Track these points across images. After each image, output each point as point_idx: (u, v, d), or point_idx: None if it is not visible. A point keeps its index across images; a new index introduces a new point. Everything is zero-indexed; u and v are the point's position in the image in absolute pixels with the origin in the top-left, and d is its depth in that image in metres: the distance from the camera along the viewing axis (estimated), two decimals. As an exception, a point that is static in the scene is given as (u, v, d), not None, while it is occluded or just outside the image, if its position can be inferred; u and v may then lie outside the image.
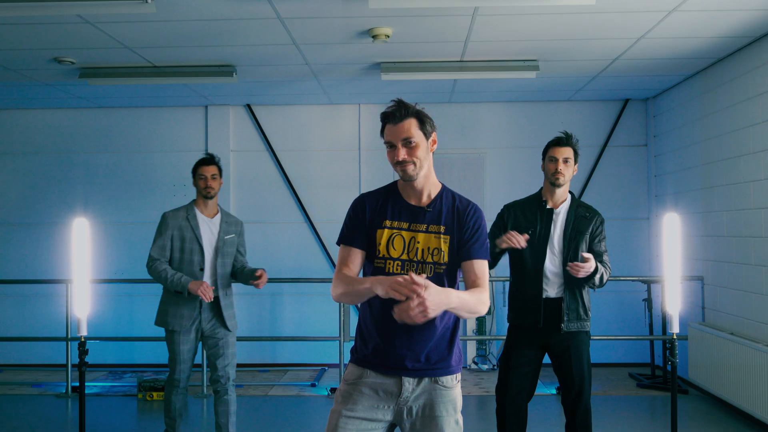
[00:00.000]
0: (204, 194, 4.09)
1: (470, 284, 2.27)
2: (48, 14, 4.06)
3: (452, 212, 2.31)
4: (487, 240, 2.33)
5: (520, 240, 3.31)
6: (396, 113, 2.24)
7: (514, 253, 3.50)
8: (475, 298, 2.19)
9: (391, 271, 2.26)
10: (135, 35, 4.65)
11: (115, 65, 5.42)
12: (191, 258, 4.01)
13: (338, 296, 2.29)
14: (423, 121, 2.27)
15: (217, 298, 4.03)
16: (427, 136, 2.28)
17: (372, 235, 2.30)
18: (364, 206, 2.35)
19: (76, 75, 5.60)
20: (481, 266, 2.28)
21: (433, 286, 2.02)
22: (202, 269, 4.02)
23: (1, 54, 5.05)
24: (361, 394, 2.26)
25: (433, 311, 2.01)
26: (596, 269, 3.35)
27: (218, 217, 4.14)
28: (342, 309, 5.91)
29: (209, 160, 4.16)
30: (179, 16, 4.26)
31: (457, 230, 2.29)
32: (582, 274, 3.29)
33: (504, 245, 3.34)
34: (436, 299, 2.01)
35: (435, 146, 2.33)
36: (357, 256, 2.31)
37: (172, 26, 4.45)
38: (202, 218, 4.08)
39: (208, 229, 4.08)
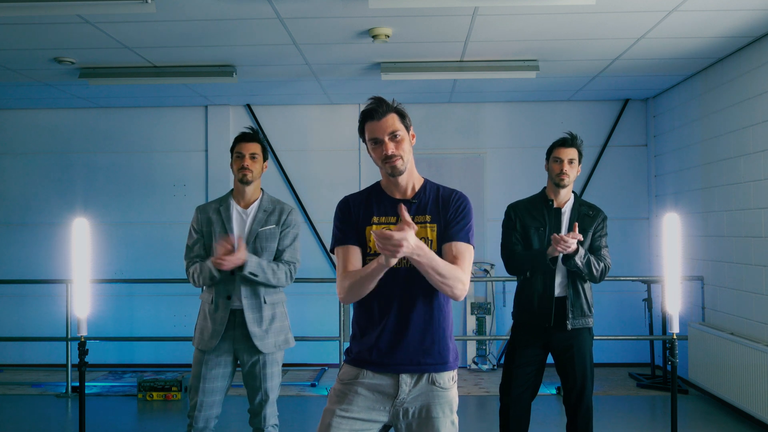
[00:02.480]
0: (239, 178, 3.27)
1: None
2: (48, 14, 4.06)
3: (437, 201, 2.31)
4: (472, 226, 2.30)
5: (569, 241, 3.24)
6: (378, 109, 2.24)
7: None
8: (451, 268, 2.16)
9: None
10: (135, 35, 4.65)
11: (115, 65, 5.42)
12: None
13: (348, 289, 2.21)
14: (403, 115, 2.29)
15: (241, 311, 3.22)
16: (407, 130, 2.29)
17: (362, 234, 2.30)
18: (349, 206, 2.35)
19: (76, 75, 5.60)
20: (461, 248, 2.24)
21: (411, 236, 2.02)
22: (232, 272, 3.19)
23: (1, 54, 5.05)
24: (357, 394, 2.24)
25: (407, 248, 2.00)
26: (577, 251, 3.32)
27: (255, 205, 3.32)
28: (342, 309, 5.91)
29: (250, 135, 3.33)
30: (179, 16, 4.25)
31: (443, 217, 2.29)
32: (561, 248, 3.26)
33: (557, 252, 3.31)
34: (414, 239, 2.02)
35: (414, 140, 2.33)
36: (356, 253, 2.28)
37: (172, 26, 4.45)
38: (236, 209, 3.31)
39: (241, 221, 3.30)
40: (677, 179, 6.27)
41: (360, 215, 2.31)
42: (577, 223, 3.35)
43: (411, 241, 2.01)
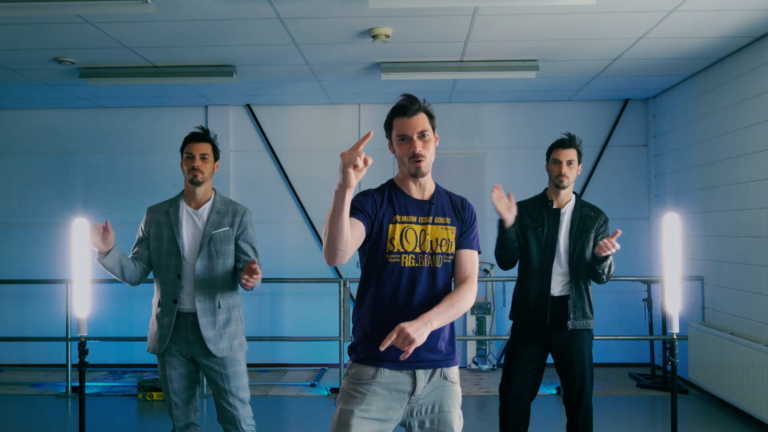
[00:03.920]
0: (190, 179, 3.20)
1: (461, 275, 2.32)
2: (48, 14, 4.06)
3: (452, 205, 2.39)
4: (479, 233, 2.43)
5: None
6: (410, 106, 2.27)
7: (522, 252, 3.52)
8: (458, 301, 2.22)
9: (405, 264, 2.27)
10: (135, 35, 4.65)
11: (115, 65, 5.42)
12: (168, 262, 3.17)
13: (325, 240, 2.12)
14: (432, 116, 2.33)
15: (194, 314, 3.13)
16: (434, 131, 2.32)
17: (384, 231, 2.29)
18: (374, 196, 2.32)
19: (76, 75, 5.60)
20: (473, 257, 2.36)
21: (407, 324, 2.05)
22: (179, 276, 3.14)
23: (1, 54, 5.05)
24: (375, 394, 2.24)
25: (420, 336, 2.04)
26: (608, 256, 3.37)
27: (207, 206, 3.23)
28: (342, 309, 5.91)
29: (201, 135, 3.23)
30: (179, 16, 4.26)
31: (459, 222, 2.37)
32: (605, 252, 3.29)
33: (506, 217, 3.31)
34: (415, 326, 2.06)
35: (437, 142, 2.36)
36: (355, 224, 2.20)
37: (172, 26, 4.45)
38: (187, 211, 3.23)
39: (193, 223, 3.21)
40: (677, 179, 6.28)
41: (383, 210, 2.30)
42: (619, 230, 3.33)
43: (413, 330, 2.04)
